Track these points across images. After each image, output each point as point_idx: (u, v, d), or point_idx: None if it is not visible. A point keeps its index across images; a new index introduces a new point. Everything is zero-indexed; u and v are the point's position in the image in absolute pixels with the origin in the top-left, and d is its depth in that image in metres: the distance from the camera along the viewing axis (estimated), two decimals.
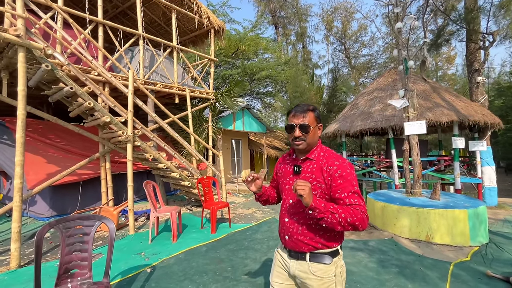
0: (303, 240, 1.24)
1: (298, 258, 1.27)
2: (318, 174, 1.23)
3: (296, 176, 1.29)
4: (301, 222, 1.25)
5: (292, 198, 1.30)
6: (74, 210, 5.23)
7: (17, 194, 3.31)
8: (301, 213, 1.25)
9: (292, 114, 1.29)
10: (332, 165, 1.21)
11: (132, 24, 7.96)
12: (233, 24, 14.80)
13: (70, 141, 6.17)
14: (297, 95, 11.37)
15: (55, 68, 3.87)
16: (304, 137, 1.25)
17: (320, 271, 1.22)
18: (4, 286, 2.79)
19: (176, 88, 6.74)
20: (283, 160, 1.44)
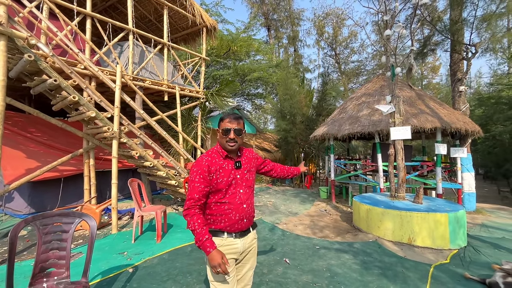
0: (253, 215, 1.67)
1: (246, 233, 1.60)
2: (251, 162, 1.70)
3: (239, 170, 1.60)
4: (252, 203, 1.65)
5: (242, 187, 1.59)
6: (54, 208, 5.03)
7: None
8: (251, 196, 1.64)
9: (228, 120, 1.56)
10: (252, 152, 1.78)
11: (122, 18, 7.78)
12: (225, 24, 14.80)
13: (53, 136, 5.95)
14: (287, 97, 11.44)
15: (38, 59, 3.72)
16: (237, 139, 1.55)
17: (256, 233, 1.72)
18: None
19: (166, 86, 6.64)
20: (214, 164, 1.54)
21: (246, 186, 1.60)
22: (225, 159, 1.57)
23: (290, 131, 11.34)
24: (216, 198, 1.52)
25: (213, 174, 1.50)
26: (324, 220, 5.49)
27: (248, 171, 1.64)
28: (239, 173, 1.58)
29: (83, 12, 5.09)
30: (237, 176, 1.57)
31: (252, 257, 1.67)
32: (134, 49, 6.16)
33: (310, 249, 3.79)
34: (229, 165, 1.56)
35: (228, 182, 1.53)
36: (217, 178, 1.51)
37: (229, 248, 1.52)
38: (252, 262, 1.67)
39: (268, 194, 8.55)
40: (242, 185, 1.58)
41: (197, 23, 7.58)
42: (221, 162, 1.55)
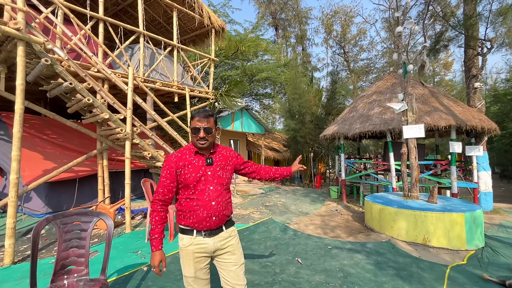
0: (226, 213, 1.59)
1: (217, 233, 1.56)
2: (226, 160, 1.66)
3: (210, 166, 1.58)
4: (224, 200, 1.58)
5: (212, 184, 1.56)
6: (69, 207, 5.17)
7: (12, 190, 3.27)
8: (222, 194, 1.59)
9: (197, 119, 1.55)
10: (230, 151, 1.74)
11: (133, 22, 7.93)
12: (233, 25, 14.87)
13: (68, 137, 6.12)
14: (296, 97, 11.39)
15: (54, 63, 3.84)
16: (207, 137, 1.54)
17: (233, 231, 1.66)
18: None
19: (176, 87, 6.73)
20: (182, 159, 1.57)
21: (217, 184, 1.56)
22: (195, 155, 1.58)
23: (299, 130, 11.29)
24: (186, 194, 1.53)
25: (180, 169, 1.53)
26: (335, 220, 5.44)
27: (221, 168, 1.61)
28: (210, 170, 1.56)
29: (95, 16, 5.22)
30: (207, 172, 1.55)
31: (233, 255, 1.60)
32: (145, 52, 6.26)
33: (322, 249, 3.76)
34: (200, 161, 1.57)
35: (196, 178, 1.52)
36: (185, 174, 1.52)
37: (199, 247, 1.52)
38: (235, 259, 1.60)
39: (278, 194, 8.53)
40: (213, 182, 1.55)
41: (205, 24, 7.64)
42: (191, 158, 1.57)
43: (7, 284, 2.72)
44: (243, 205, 6.70)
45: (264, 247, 3.82)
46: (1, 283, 2.75)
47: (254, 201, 7.19)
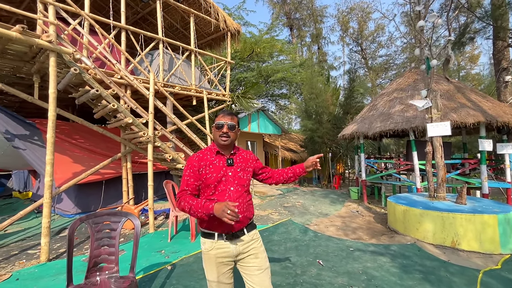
0: (247, 215, 1.56)
1: (238, 236, 1.52)
2: (246, 163, 1.65)
3: (231, 167, 1.58)
4: (245, 202, 1.56)
5: (233, 185, 1.54)
6: (97, 208, 5.43)
7: (47, 191, 3.49)
8: (243, 195, 1.56)
9: (221, 115, 1.59)
10: (250, 154, 1.74)
11: (152, 29, 8.22)
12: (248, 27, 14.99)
13: (94, 141, 6.44)
14: (313, 96, 11.25)
15: (82, 72, 4.06)
16: (230, 134, 1.56)
17: (255, 234, 1.61)
18: (35, 279, 2.94)
19: (194, 90, 6.88)
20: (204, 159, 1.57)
21: (238, 184, 1.55)
22: (217, 155, 1.58)
23: (317, 130, 11.14)
24: (206, 194, 1.53)
25: (202, 169, 1.53)
26: (357, 222, 5.31)
27: (242, 169, 1.60)
28: (231, 171, 1.56)
29: (118, 25, 5.47)
30: (228, 173, 1.54)
31: (257, 258, 1.54)
32: (164, 57, 6.46)
33: (343, 251, 3.69)
34: (221, 162, 1.56)
35: (217, 178, 1.52)
36: (206, 174, 1.52)
37: (221, 251, 1.49)
38: (259, 263, 1.54)
39: (296, 195, 8.47)
40: (234, 183, 1.54)
41: (221, 28, 7.76)
42: (212, 158, 1.57)
43: (43, 280, 2.91)
44: (262, 206, 6.71)
45: (284, 248, 3.80)
46: (38, 279, 2.94)
47: (272, 202, 7.19)
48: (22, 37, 3.36)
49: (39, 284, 2.79)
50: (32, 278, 2.97)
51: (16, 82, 5.16)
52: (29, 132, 5.26)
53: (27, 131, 5.23)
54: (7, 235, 4.55)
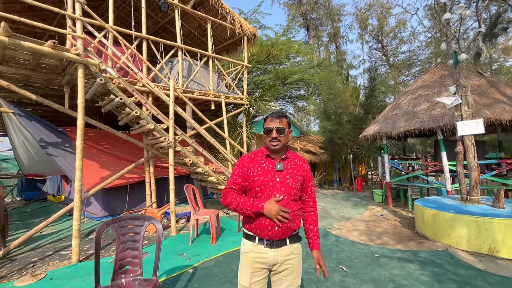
0: (291, 226, 1.45)
1: (280, 245, 1.45)
2: (298, 170, 1.52)
3: (280, 172, 1.49)
4: (290, 211, 1.44)
5: (279, 192, 1.45)
6: (123, 211, 5.66)
7: (77, 196, 3.68)
8: (289, 203, 1.46)
9: (270, 119, 1.52)
10: (305, 163, 1.59)
11: (171, 37, 8.49)
12: (264, 30, 14.96)
13: (119, 147, 6.73)
14: (332, 97, 11.02)
15: (107, 81, 4.27)
16: (280, 138, 1.48)
17: (297, 249, 1.51)
18: (67, 279, 3.10)
19: (212, 95, 6.99)
20: (254, 161, 1.55)
21: (285, 192, 1.45)
22: (267, 158, 1.53)
23: (336, 131, 10.88)
24: (252, 196, 1.50)
25: (250, 170, 1.51)
26: (381, 226, 5.09)
27: (292, 176, 1.48)
28: (280, 176, 1.47)
29: (140, 36, 5.70)
30: (276, 178, 1.47)
31: (291, 274, 1.47)
32: (183, 64, 6.64)
33: (368, 257, 3.54)
34: (270, 165, 1.50)
35: (263, 182, 1.47)
36: (253, 176, 1.49)
37: (259, 256, 1.45)
38: (291, 280, 1.47)
39: (316, 197, 8.30)
40: (281, 189, 1.45)
41: (237, 33, 7.85)
42: (262, 161, 1.53)
43: (74, 280, 3.06)
44: None
45: (306, 253, 3.71)
46: (70, 279, 3.10)
47: None
48: (53, 51, 3.60)
49: (71, 284, 2.94)
50: (64, 278, 3.13)
51: (49, 93, 5.53)
52: (60, 140, 5.61)
53: (59, 139, 5.58)
54: (43, 237, 4.86)
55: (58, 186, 8.93)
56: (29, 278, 3.11)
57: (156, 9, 7.72)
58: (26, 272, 3.32)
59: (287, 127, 1.51)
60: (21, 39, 3.40)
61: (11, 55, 3.84)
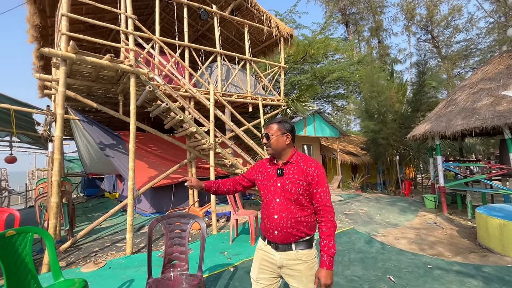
0: (291, 232, 1.44)
1: (285, 249, 1.45)
2: (300, 174, 1.47)
3: (281, 177, 1.51)
4: (290, 217, 1.44)
5: (279, 197, 1.48)
6: (168, 209, 6.06)
7: (130, 193, 4.05)
8: (289, 209, 1.46)
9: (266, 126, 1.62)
10: (310, 167, 1.49)
11: (210, 43, 8.87)
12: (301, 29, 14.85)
13: (165, 149, 7.24)
14: (374, 94, 10.37)
15: (155, 89, 4.63)
16: (268, 144, 1.54)
17: (305, 255, 1.45)
18: (123, 268, 3.42)
19: (250, 98, 7.11)
20: (263, 165, 1.65)
21: (284, 197, 1.46)
22: (271, 164, 1.60)
23: (380, 131, 10.21)
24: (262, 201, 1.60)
25: (259, 174, 1.63)
26: (435, 235, 4.62)
27: (291, 182, 1.46)
28: (280, 181, 1.49)
29: (183, 44, 6.07)
30: (277, 183, 1.49)
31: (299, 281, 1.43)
32: (222, 68, 6.88)
33: (420, 268, 3.24)
34: (273, 171, 1.55)
35: (266, 187, 1.54)
36: (258, 179, 1.61)
37: (266, 255, 1.51)
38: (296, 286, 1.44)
39: (359, 201, 7.88)
40: (281, 195, 1.47)
41: (274, 34, 7.87)
42: (268, 165, 1.61)
43: (129, 270, 3.36)
44: None
45: (348, 259, 3.56)
46: (125, 268, 3.41)
47: None
48: (111, 64, 4.02)
49: (126, 273, 3.24)
50: (120, 267, 3.46)
51: (106, 101, 6.20)
52: (116, 142, 6.23)
53: (114, 142, 6.21)
54: (102, 229, 5.44)
55: (113, 185, 9.93)
56: (93, 265, 3.51)
57: (196, 18, 8.15)
58: (89, 260, 3.75)
59: (275, 132, 1.54)
60: (85, 55, 3.87)
61: (77, 69, 4.40)
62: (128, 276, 3.17)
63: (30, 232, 2.03)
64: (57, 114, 3.71)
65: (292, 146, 1.58)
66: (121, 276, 3.18)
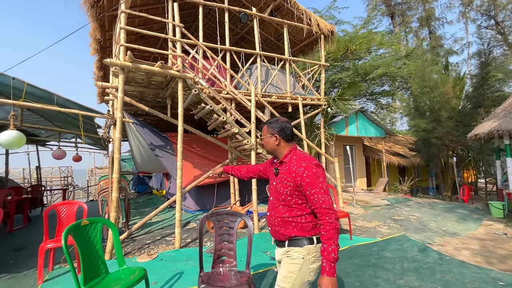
0: (279, 230, 1.49)
1: (280, 245, 1.52)
2: (288, 175, 1.47)
3: (276, 177, 1.56)
4: (278, 216, 1.49)
5: (272, 196, 1.57)
6: (211, 207, 6.30)
7: (178, 191, 4.31)
8: (277, 208, 1.50)
9: None
10: (300, 166, 1.43)
11: (249, 45, 9.02)
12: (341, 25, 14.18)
13: (207, 150, 7.55)
14: (426, 90, 9.45)
15: (200, 92, 4.86)
16: (263, 143, 1.64)
17: (292, 250, 1.44)
18: (173, 261, 3.65)
19: (289, 98, 7.06)
20: (271, 163, 1.75)
21: (275, 197, 1.53)
22: (273, 163, 1.69)
23: (433, 130, 9.29)
24: None
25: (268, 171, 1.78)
26: (506, 248, 4.04)
27: (281, 182, 1.49)
28: (276, 181, 1.56)
29: (224, 48, 6.27)
30: (273, 183, 1.58)
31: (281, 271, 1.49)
32: (261, 70, 6.95)
33: (488, 284, 2.87)
34: (273, 170, 1.64)
35: (269, 184, 1.67)
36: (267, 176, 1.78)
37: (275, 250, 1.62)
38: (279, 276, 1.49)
39: (408, 206, 7.27)
40: (273, 194, 1.56)
41: (314, 32, 7.69)
42: (272, 164, 1.70)
43: (178, 263, 3.58)
44: (366, 216, 6.10)
45: (401, 268, 3.30)
46: (175, 261, 3.63)
47: (378, 213, 6.43)
48: (161, 70, 4.34)
49: (176, 266, 3.45)
50: (170, 260, 3.70)
51: (155, 105, 6.70)
52: (164, 143, 6.69)
53: (163, 142, 6.67)
54: (152, 223, 5.88)
55: (160, 182, 10.68)
56: (146, 256, 3.81)
57: (235, 22, 8.37)
58: (144, 251, 4.08)
59: (264, 134, 1.61)
60: (140, 63, 4.24)
61: (132, 76, 4.83)
62: (178, 268, 3.37)
63: (100, 223, 2.27)
64: (116, 118, 4.12)
65: (286, 146, 1.56)
66: (172, 268, 3.39)
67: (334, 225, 1.32)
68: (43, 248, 3.14)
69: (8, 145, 3.75)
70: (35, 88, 4.53)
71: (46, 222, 3.31)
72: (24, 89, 4.32)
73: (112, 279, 2.11)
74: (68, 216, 3.59)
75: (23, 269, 3.55)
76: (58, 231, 3.49)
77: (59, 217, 3.56)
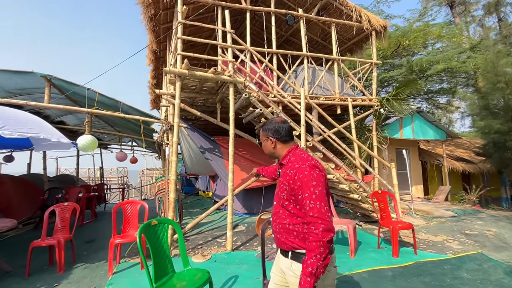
0: (280, 238, 1.39)
1: (284, 255, 1.38)
2: (284, 178, 1.39)
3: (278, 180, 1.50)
4: (277, 222, 1.40)
5: (275, 200, 1.48)
6: (258, 211, 6.29)
7: (230, 194, 4.37)
8: (278, 213, 1.41)
9: None
10: (293, 169, 1.34)
11: (294, 48, 8.88)
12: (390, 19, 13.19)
13: (254, 153, 7.59)
14: (500, 86, 8.20)
15: (249, 96, 4.90)
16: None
17: (299, 269, 1.25)
18: (226, 263, 3.68)
19: (338, 99, 6.73)
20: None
21: (277, 202, 1.46)
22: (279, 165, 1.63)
23: (510, 132, 8.00)
24: None
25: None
26: None
27: (279, 185, 1.45)
28: (277, 184, 1.50)
29: (271, 51, 6.27)
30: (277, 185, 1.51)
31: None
32: (308, 71, 6.76)
33: None
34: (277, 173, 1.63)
35: None
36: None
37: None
38: None
39: (480, 220, 6.33)
40: (275, 198, 1.49)
41: (364, 29, 7.25)
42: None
43: (231, 266, 3.59)
44: (430, 229, 5.46)
45: None
46: (228, 264, 3.66)
47: (444, 225, 5.71)
48: (214, 76, 4.47)
49: (230, 269, 3.46)
50: (224, 262, 3.74)
51: (204, 110, 6.97)
52: (212, 146, 6.91)
53: (211, 146, 6.90)
54: (202, 224, 6.07)
55: (206, 185, 11.09)
56: (201, 257, 3.92)
57: (281, 25, 8.33)
58: (197, 252, 4.21)
59: (262, 138, 1.59)
60: (195, 70, 4.43)
61: (186, 83, 5.08)
62: (232, 272, 3.38)
63: (167, 223, 2.37)
64: (174, 123, 4.35)
65: (283, 147, 1.49)
66: (227, 271, 3.41)
67: (319, 236, 1.17)
68: (112, 243, 3.42)
69: (85, 148, 4.21)
70: (105, 97, 5.05)
71: (114, 219, 3.61)
72: (96, 98, 4.85)
73: (179, 279, 2.17)
74: (133, 214, 3.88)
75: (95, 260, 3.93)
76: (124, 228, 3.79)
77: (125, 215, 3.86)
